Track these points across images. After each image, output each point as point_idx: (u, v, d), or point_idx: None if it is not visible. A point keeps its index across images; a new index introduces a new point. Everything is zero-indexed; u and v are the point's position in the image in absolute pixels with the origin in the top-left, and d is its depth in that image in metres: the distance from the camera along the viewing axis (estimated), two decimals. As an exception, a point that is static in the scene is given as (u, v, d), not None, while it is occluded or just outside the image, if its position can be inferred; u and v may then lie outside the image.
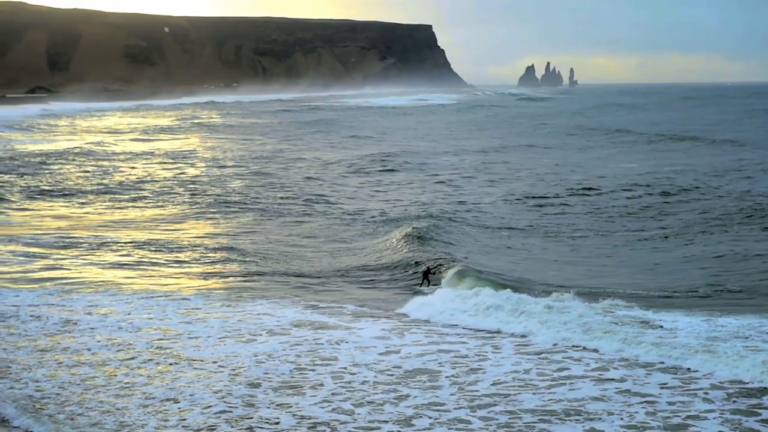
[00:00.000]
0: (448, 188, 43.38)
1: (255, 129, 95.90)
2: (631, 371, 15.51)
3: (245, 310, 20.03)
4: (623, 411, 13.72)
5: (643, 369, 15.67)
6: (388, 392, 14.61)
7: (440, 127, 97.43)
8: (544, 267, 25.14)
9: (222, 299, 21.10)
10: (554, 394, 14.45)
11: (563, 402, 14.11)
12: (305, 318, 19.35)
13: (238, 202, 39.09)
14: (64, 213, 35.74)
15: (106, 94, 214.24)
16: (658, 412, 13.68)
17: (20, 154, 62.20)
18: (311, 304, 20.74)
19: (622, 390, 14.63)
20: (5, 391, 14.64)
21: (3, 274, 23.63)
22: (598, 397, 14.38)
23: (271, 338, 17.83)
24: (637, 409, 13.86)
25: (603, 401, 14.18)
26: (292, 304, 20.55)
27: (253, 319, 19.27)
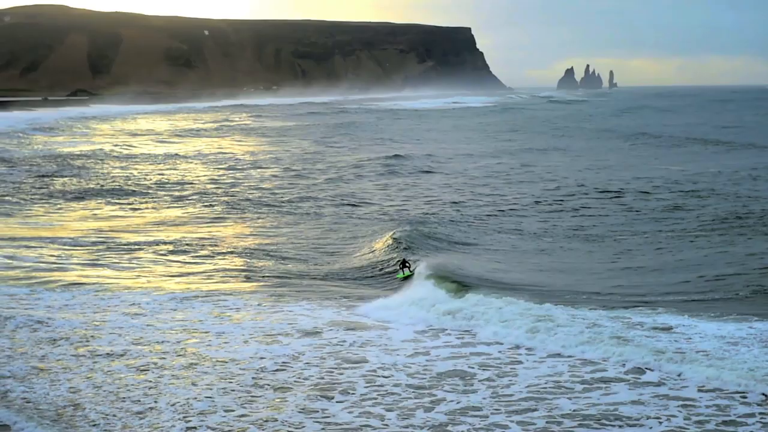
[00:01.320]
0: (462, 190, 43.04)
1: (288, 132, 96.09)
2: (667, 375, 15.27)
3: (282, 311, 19.93)
4: (661, 415, 13.53)
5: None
6: (421, 396, 14.44)
7: (466, 130, 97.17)
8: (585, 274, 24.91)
9: (259, 299, 21.05)
10: (590, 399, 14.27)
11: (600, 406, 13.91)
12: (342, 319, 19.24)
13: (275, 203, 39.09)
14: (103, 214, 35.89)
15: (146, 97, 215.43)
16: (697, 416, 13.47)
17: (61, 156, 62.71)
18: (351, 304, 20.61)
19: (659, 394, 14.40)
20: (40, 391, 14.67)
21: (41, 275, 23.72)
22: (635, 400, 14.17)
23: (304, 339, 17.75)
24: (674, 412, 13.66)
25: (640, 405, 13.97)
26: (331, 306, 20.42)
27: (289, 319, 19.19)
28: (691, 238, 28.83)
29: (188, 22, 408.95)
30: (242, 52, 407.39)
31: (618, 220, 33.19)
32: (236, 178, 49.25)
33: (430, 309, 19.54)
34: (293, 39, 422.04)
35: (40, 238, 29.43)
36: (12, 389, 14.79)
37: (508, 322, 18.11)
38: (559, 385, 14.85)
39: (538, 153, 65.23)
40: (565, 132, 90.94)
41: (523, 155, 63.11)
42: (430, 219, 33.28)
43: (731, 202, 35.99)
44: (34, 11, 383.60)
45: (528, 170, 51.73)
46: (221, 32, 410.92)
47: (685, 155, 60.69)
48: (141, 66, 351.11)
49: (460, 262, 25.01)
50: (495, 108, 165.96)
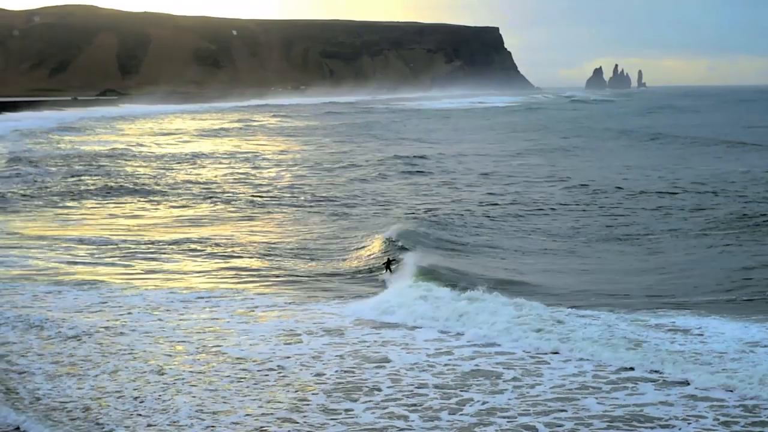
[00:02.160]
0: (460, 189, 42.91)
1: (314, 131, 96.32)
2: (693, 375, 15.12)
3: (307, 309, 19.92)
4: (690, 416, 13.40)
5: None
6: (448, 397, 14.36)
7: (486, 130, 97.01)
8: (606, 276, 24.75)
9: (285, 298, 21.02)
10: (617, 399, 14.15)
11: (628, 407, 13.79)
12: (373, 318, 19.17)
13: (300, 202, 39.08)
14: (130, 212, 36.02)
15: (175, 97, 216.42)
16: (727, 417, 13.34)
17: (89, 155, 63.15)
18: (382, 301, 20.42)
19: (686, 395, 14.27)
20: (67, 390, 14.73)
21: (68, 273, 23.81)
22: (663, 401, 14.05)
23: (326, 338, 17.72)
24: (704, 413, 13.53)
25: (668, 406, 13.85)
26: (363, 304, 20.30)
27: (313, 318, 19.16)
28: (720, 237, 28.56)
29: (216, 22, 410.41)
30: (270, 52, 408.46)
31: (643, 219, 32.92)
32: (262, 177, 49.33)
33: (442, 309, 19.21)
34: (321, 39, 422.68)
35: (69, 237, 29.55)
36: (35, 388, 14.82)
37: (518, 327, 17.65)
38: (584, 385, 14.67)
39: (555, 153, 64.84)
40: (583, 132, 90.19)
41: (542, 155, 62.82)
42: (451, 220, 33.07)
43: (759, 202, 35.69)
44: (64, 11, 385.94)
45: (545, 170, 51.44)
46: (249, 32, 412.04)
47: (708, 155, 60.16)
48: (170, 66, 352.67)
49: (474, 263, 24.98)
50: (517, 108, 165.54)
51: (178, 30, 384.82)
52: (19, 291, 21.66)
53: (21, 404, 14.07)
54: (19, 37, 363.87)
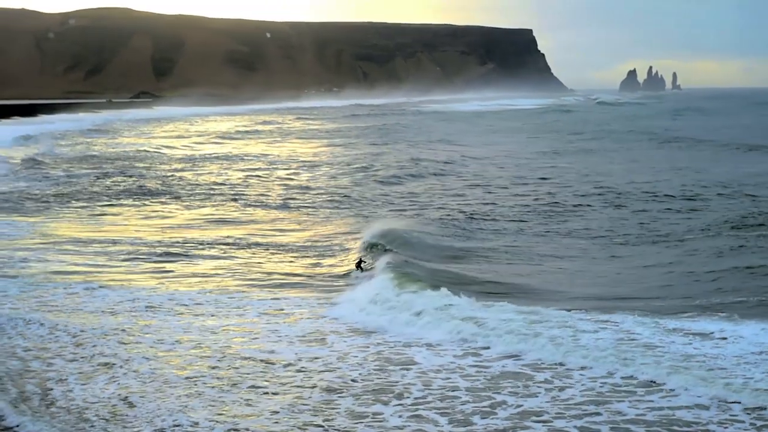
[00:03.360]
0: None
1: (346, 133, 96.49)
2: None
3: (336, 310, 19.78)
4: (725, 420, 13.11)
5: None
6: (481, 400, 14.13)
7: (509, 132, 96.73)
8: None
9: (316, 299, 20.93)
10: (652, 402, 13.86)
11: (662, 411, 13.50)
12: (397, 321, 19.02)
13: (331, 203, 39.10)
14: (163, 213, 36.11)
15: (209, 99, 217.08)
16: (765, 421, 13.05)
17: (123, 157, 63.59)
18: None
19: (719, 397, 13.93)
20: (83, 392, 14.67)
21: (100, 274, 23.85)
22: (697, 403, 13.74)
23: (353, 339, 17.56)
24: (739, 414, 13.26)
25: (702, 409, 13.53)
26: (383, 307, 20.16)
27: (341, 318, 19.02)
28: (748, 239, 28.14)
29: (250, 25, 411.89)
30: (303, 55, 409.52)
31: (666, 221, 32.52)
32: (293, 178, 49.39)
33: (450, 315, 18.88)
34: (354, 41, 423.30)
35: (101, 238, 29.69)
36: (54, 388, 14.83)
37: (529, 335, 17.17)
38: (616, 389, 14.40)
39: (573, 154, 64.49)
40: (603, 134, 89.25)
41: (556, 157, 62.47)
42: (479, 224, 32.87)
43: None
44: (99, 14, 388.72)
45: (558, 171, 51.19)
46: (283, 34, 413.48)
47: (734, 158, 59.50)
48: (203, 68, 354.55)
49: (493, 268, 24.79)
50: (543, 110, 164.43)
51: (211, 33, 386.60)
52: (50, 291, 21.74)
53: (31, 405, 14.11)
54: (55, 39, 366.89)
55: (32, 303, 20.50)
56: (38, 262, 25.39)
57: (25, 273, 23.76)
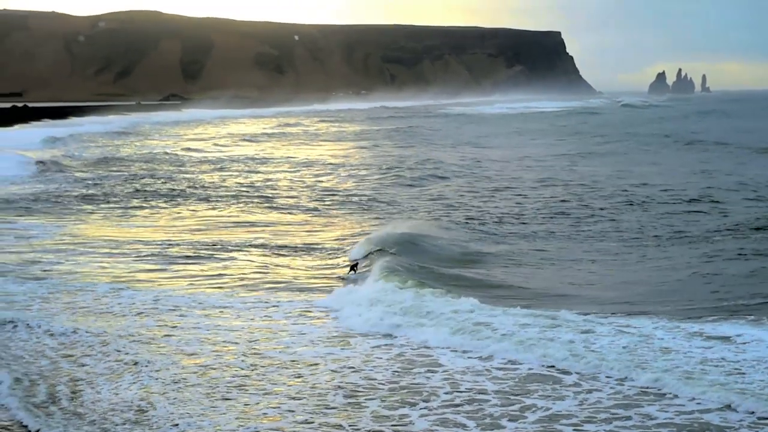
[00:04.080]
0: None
1: (372, 135, 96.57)
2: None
3: (364, 311, 19.67)
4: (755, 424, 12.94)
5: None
6: (510, 404, 14.00)
7: (532, 134, 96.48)
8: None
9: (342, 301, 20.85)
10: (682, 406, 13.68)
11: (692, 415, 13.32)
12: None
13: (359, 205, 39.09)
14: (193, 215, 36.14)
15: (237, 102, 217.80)
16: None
17: (153, 159, 63.87)
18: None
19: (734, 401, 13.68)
20: (106, 394, 14.68)
21: (129, 275, 23.91)
22: (727, 404, 13.47)
23: (378, 340, 17.48)
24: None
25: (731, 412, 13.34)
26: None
27: (369, 320, 18.91)
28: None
29: (279, 27, 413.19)
30: (331, 57, 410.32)
31: (693, 223, 32.21)
32: (320, 180, 49.42)
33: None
34: (382, 44, 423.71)
35: (131, 239, 29.80)
36: (81, 389, 14.86)
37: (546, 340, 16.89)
38: (644, 391, 14.25)
39: (595, 157, 64.23)
40: (621, 137, 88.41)
41: (584, 159, 62.20)
42: (498, 227, 32.71)
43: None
44: (128, 17, 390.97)
45: (581, 174, 50.88)
46: (311, 37, 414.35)
47: (756, 161, 59.03)
48: (232, 71, 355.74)
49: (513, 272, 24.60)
50: (569, 113, 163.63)
51: (240, 35, 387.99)
52: (78, 292, 21.85)
53: (53, 407, 14.13)
54: (85, 42, 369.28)
55: (60, 304, 20.59)
56: (66, 263, 25.50)
57: (53, 274, 23.87)
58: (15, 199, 40.27)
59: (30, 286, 22.31)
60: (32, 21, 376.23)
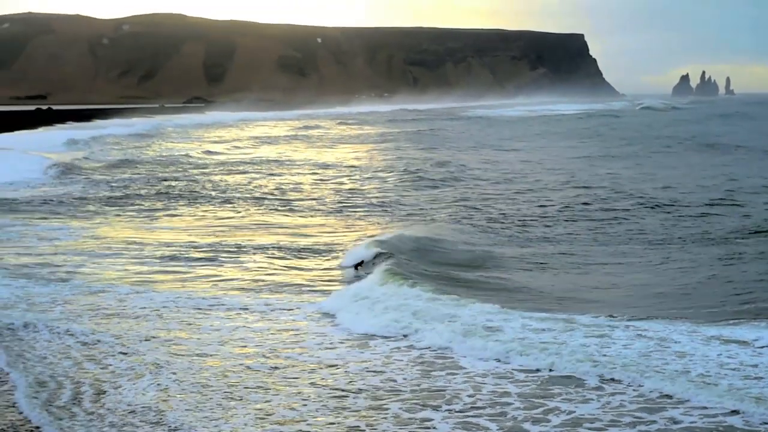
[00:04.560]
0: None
1: (394, 138, 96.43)
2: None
3: (385, 313, 19.57)
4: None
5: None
6: (534, 407, 13.90)
7: (553, 137, 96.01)
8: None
9: (367, 302, 20.77)
10: (706, 410, 13.52)
11: (715, 419, 13.15)
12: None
13: (383, 207, 39.04)
14: (215, 218, 36.20)
15: (261, 105, 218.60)
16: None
17: (176, 162, 64.12)
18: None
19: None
20: (133, 393, 14.69)
21: (150, 276, 23.96)
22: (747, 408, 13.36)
23: (399, 342, 17.40)
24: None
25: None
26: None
27: (390, 322, 18.83)
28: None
29: (301, 30, 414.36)
30: (354, 60, 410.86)
31: (712, 226, 31.91)
32: (343, 182, 49.47)
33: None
34: (405, 46, 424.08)
35: (153, 241, 29.92)
36: (101, 391, 14.91)
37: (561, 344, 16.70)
38: (665, 393, 14.11)
39: (610, 159, 63.92)
40: (634, 140, 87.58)
41: (600, 161, 61.93)
42: (512, 229, 32.60)
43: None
44: (152, 20, 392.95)
45: (595, 176, 50.65)
46: (334, 40, 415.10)
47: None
48: (255, 74, 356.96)
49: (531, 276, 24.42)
50: (587, 115, 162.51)
51: (263, 38, 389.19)
52: (101, 293, 21.96)
53: (71, 407, 14.16)
54: (109, 45, 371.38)
55: (82, 305, 20.64)
56: (89, 265, 25.59)
57: (76, 276, 23.94)
58: (39, 202, 40.49)
59: (53, 288, 22.40)
60: (57, 24, 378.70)
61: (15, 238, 30.10)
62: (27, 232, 31.42)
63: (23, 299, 21.17)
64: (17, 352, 16.98)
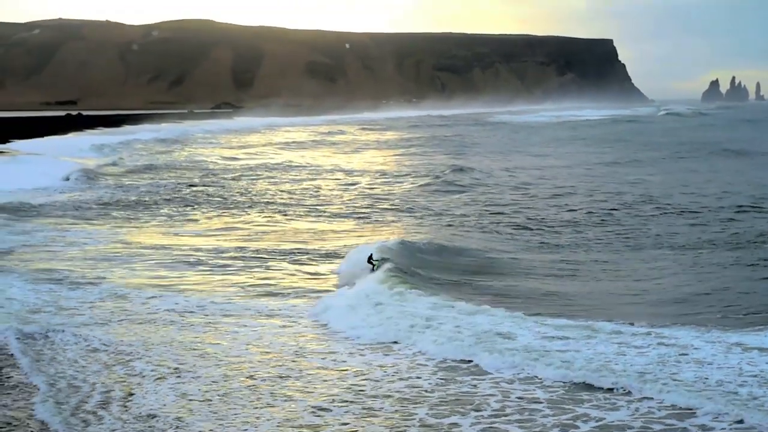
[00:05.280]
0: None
1: (422, 144, 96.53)
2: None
3: (407, 316, 19.50)
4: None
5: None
6: (562, 414, 13.75)
7: (577, 142, 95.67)
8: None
9: (389, 306, 20.71)
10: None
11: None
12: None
13: (409, 212, 39.04)
14: (244, 223, 36.26)
15: (289, 110, 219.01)
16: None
17: (205, 168, 64.43)
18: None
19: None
20: (155, 397, 14.69)
21: (178, 281, 24.01)
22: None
23: (421, 347, 17.33)
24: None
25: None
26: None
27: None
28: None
29: (330, 36, 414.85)
30: (382, 65, 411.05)
31: (734, 231, 31.64)
32: (373, 187, 49.55)
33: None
34: (433, 52, 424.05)
35: (182, 246, 29.99)
36: (125, 395, 14.93)
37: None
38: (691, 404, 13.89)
39: (632, 165, 63.74)
40: (653, 146, 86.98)
41: (620, 167, 61.74)
42: (530, 235, 32.43)
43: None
44: (181, 26, 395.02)
45: (609, 181, 50.63)
46: (362, 46, 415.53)
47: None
48: (284, 79, 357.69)
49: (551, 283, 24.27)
50: (611, 121, 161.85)
51: (292, 44, 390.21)
52: (128, 297, 22.04)
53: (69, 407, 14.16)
54: (138, 51, 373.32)
55: (108, 310, 20.69)
56: (117, 269, 25.68)
57: (104, 281, 24.01)
58: (68, 207, 40.70)
59: (80, 293, 22.48)
60: (87, 30, 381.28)
61: (44, 243, 30.24)
62: (56, 237, 31.57)
63: (51, 303, 21.25)
64: (44, 356, 17.02)
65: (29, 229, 33.41)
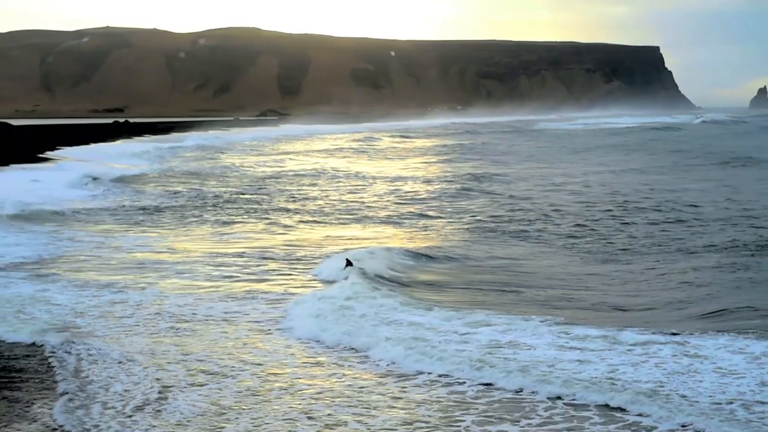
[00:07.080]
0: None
1: (459, 150, 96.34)
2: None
3: (441, 319, 19.43)
4: None
5: None
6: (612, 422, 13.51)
7: (589, 149, 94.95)
8: None
9: (424, 310, 20.63)
10: None
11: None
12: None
13: (441, 217, 39.05)
14: (284, 229, 36.36)
15: (334, 118, 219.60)
16: None
17: (249, 175, 64.86)
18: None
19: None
20: (200, 397, 14.76)
21: (216, 285, 24.15)
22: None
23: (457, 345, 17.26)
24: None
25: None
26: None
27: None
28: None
29: (375, 43, 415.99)
30: (427, 73, 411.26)
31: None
32: (405, 194, 49.71)
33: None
34: (478, 59, 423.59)
35: (229, 252, 30.15)
36: (160, 399, 14.97)
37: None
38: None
39: (665, 171, 63.72)
40: (696, 154, 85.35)
41: (654, 174, 61.36)
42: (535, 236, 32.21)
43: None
44: (227, 34, 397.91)
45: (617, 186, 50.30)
46: (407, 53, 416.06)
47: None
48: (329, 87, 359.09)
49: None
50: (650, 128, 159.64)
51: (337, 51, 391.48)
52: (173, 301, 22.22)
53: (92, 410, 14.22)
54: (185, 59, 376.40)
55: (153, 312, 20.90)
56: (166, 274, 25.89)
57: (151, 285, 24.16)
58: (115, 213, 41.05)
59: (124, 296, 22.67)
60: (134, 38, 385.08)
61: (90, 249, 30.49)
62: (103, 243, 31.83)
63: (96, 307, 21.44)
64: (83, 360, 17.14)
65: (75, 235, 33.73)
